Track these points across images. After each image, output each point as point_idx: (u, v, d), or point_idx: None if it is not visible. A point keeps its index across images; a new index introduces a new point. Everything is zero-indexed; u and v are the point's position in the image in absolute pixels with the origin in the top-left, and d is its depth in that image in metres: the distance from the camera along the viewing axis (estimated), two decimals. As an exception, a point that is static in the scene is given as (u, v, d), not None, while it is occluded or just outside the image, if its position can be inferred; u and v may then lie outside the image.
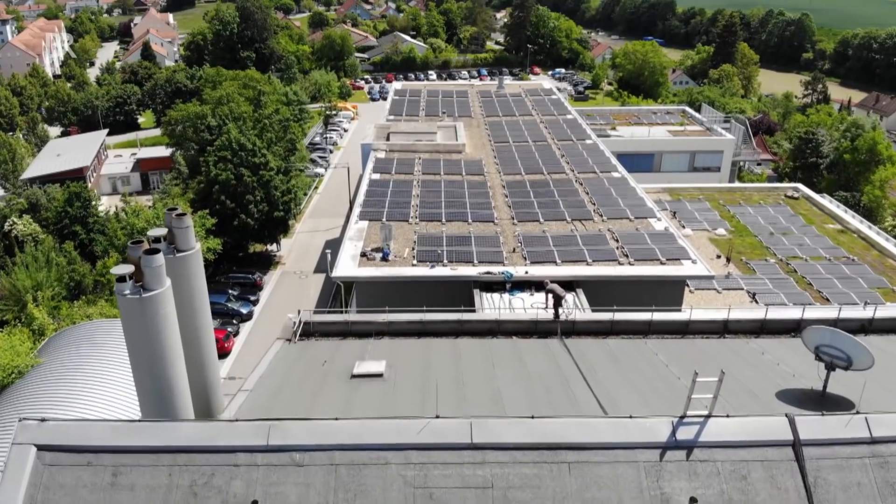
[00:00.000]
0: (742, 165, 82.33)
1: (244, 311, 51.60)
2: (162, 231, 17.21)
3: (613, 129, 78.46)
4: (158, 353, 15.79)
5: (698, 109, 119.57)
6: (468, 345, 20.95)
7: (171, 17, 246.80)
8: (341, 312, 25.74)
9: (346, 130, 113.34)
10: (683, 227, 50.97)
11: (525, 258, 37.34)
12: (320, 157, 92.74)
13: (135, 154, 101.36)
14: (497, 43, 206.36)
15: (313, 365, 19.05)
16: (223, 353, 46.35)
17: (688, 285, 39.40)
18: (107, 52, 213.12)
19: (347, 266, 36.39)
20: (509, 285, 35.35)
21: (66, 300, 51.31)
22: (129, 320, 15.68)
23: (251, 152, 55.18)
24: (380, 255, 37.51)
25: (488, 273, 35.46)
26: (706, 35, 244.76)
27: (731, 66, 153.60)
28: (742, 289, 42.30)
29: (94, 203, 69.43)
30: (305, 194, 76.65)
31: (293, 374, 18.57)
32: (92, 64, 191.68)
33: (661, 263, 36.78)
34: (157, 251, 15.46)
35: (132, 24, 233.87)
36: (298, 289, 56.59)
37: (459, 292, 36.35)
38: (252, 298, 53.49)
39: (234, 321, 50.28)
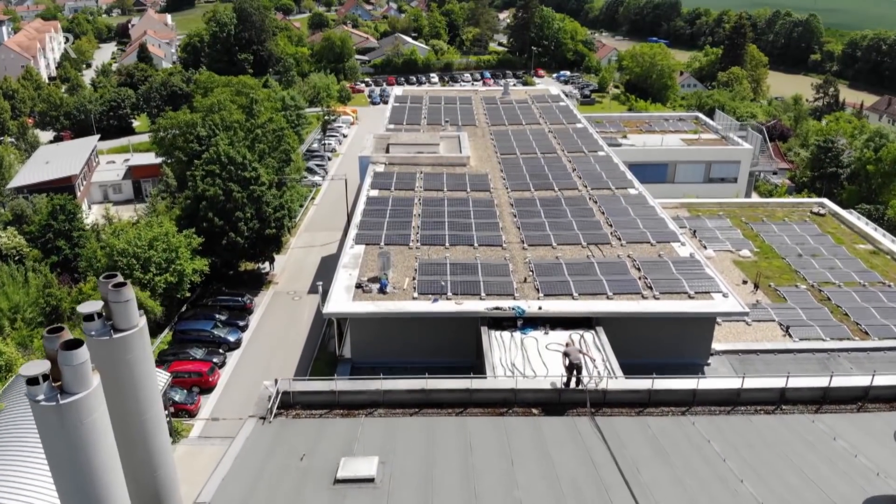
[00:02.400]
0: (758, 175, 78.69)
1: (232, 338, 47.92)
2: (96, 305, 13.57)
3: (624, 137, 74.90)
4: (86, 470, 12.17)
5: (709, 114, 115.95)
6: (479, 426, 17.43)
7: (169, 17, 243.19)
8: (332, 359, 22.14)
9: (345, 136, 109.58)
10: (705, 247, 47.42)
11: (538, 290, 33.80)
12: (318, 166, 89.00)
13: (127, 160, 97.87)
14: (500, 44, 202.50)
15: (290, 459, 15.56)
16: (207, 389, 42.79)
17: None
18: (104, 53, 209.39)
19: (341, 300, 32.85)
20: (521, 322, 31.84)
21: (42, 326, 47.76)
22: (47, 432, 12.07)
23: (241, 166, 51.55)
24: (377, 286, 33.98)
25: (497, 309, 31.94)
26: (712, 36, 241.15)
27: (740, 68, 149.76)
28: (773, 320, 38.72)
29: (79, 216, 65.91)
30: (301, 206, 73.07)
31: (263, 475, 15.08)
32: (89, 66, 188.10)
33: (690, 297, 33.23)
34: (78, 344, 11.81)
35: (130, 25, 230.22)
36: (291, 312, 52.93)
37: (466, 330, 32.89)
38: (241, 324, 49.81)
39: (221, 350, 46.68)
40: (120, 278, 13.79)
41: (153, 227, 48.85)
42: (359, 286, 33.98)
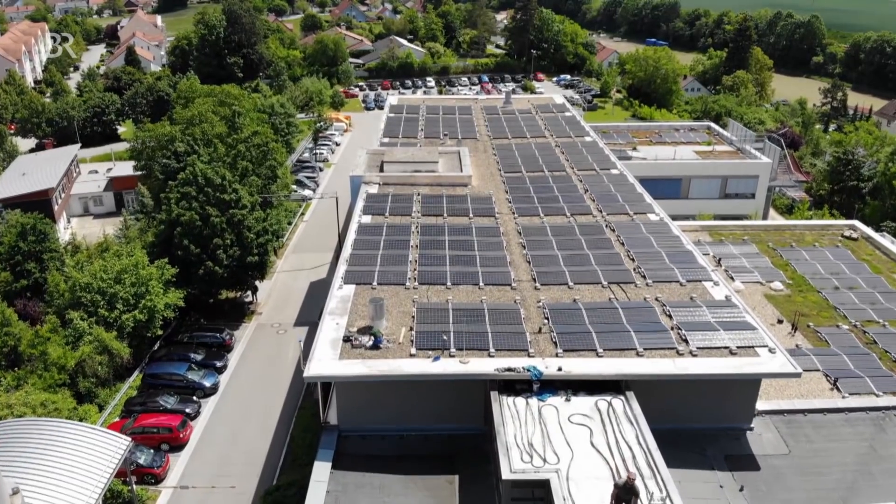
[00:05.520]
0: (776, 190, 74.20)
1: (208, 383, 42.73)
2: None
3: (634, 149, 70.40)
4: None
5: (716, 120, 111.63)
6: None
7: (159, 19, 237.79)
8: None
9: (337, 144, 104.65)
10: (732, 278, 42.93)
11: (555, 343, 29.19)
12: (308, 178, 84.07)
13: (110, 170, 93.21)
14: (498, 46, 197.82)
15: None
16: (178, 446, 37.88)
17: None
18: (93, 55, 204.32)
19: (326, 358, 28.13)
20: (537, 385, 27.23)
21: (1, 368, 42.86)
22: None
23: (220, 187, 46.74)
24: (367, 339, 29.29)
25: (509, 370, 27.31)
26: (712, 37, 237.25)
27: (744, 72, 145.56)
28: (817, 370, 34.14)
29: (51, 236, 61.05)
30: (290, 223, 68.32)
31: None
32: (76, 68, 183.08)
33: (731, 353, 28.67)
34: None
35: (119, 27, 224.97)
36: (275, 348, 47.98)
37: (472, 392, 28.29)
38: (218, 365, 44.76)
39: (196, 397, 41.82)
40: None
41: (122, 258, 44.07)
42: (347, 339, 29.31)
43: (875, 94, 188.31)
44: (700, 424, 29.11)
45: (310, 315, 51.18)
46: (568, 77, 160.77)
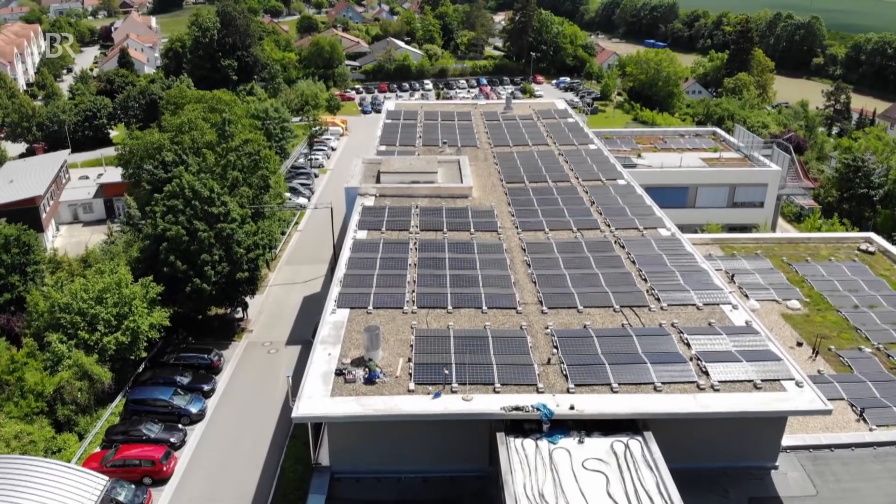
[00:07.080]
0: (785, 197, 72.11)
1: (194, 409, 40.42)
2: None
3: (639, 156, 68.32)
4: None
5: (718, 123, 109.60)
6: None
7: (153, 20, 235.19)
8: None
9: (333, 149, 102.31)
10: (747, 296, 40.82)
11: (566, 376, 27.01)
12: (303, 185, 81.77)
13: (101, 175, 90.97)
14: (496, 48, 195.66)
15: None
16: (160, 480, 35.56)
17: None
18: (86, 57, 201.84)
19: (316, 395, 25.91)
20: (547, 425, 25.05)
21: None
22: None
23: (208, 200, 44.54)
24: (362, 372, 27.10)
25: (517, 409, 25.09)
26: (711, 39, 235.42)
27: (746, 74, 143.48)
28: (842, 398, 32.01)
29: (35, 248, 58.75)
30: (283, 233, 66.04)
31: None
32: (69, 71, 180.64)
33: (756, 387, 26.51)
34: None
35: (113, 28, 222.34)
36: (266, 369, 45.62)
37: (476, 433, 26.10)
38: (206, 388, 42.42)
39: (181, 425, 39.52)
40: None
41: (104, 275, 41.78)
42: (339, 373, 27.11)
43: (876, 95, 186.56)
44: (722, 463, 27.05)
45: (303, 333, 48.97)
46: (567, 79, 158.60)
